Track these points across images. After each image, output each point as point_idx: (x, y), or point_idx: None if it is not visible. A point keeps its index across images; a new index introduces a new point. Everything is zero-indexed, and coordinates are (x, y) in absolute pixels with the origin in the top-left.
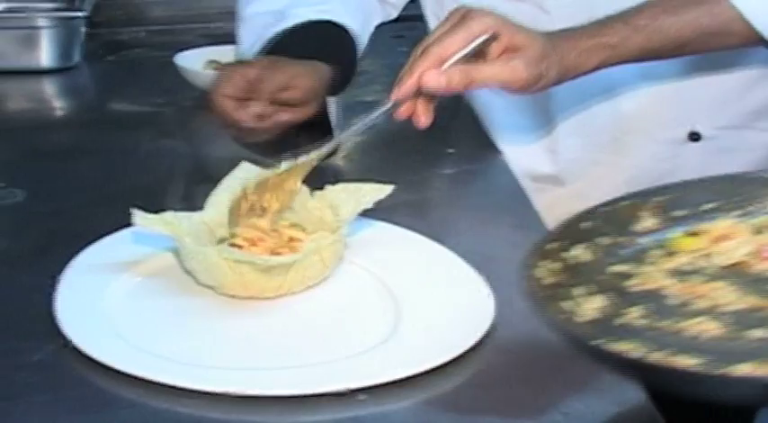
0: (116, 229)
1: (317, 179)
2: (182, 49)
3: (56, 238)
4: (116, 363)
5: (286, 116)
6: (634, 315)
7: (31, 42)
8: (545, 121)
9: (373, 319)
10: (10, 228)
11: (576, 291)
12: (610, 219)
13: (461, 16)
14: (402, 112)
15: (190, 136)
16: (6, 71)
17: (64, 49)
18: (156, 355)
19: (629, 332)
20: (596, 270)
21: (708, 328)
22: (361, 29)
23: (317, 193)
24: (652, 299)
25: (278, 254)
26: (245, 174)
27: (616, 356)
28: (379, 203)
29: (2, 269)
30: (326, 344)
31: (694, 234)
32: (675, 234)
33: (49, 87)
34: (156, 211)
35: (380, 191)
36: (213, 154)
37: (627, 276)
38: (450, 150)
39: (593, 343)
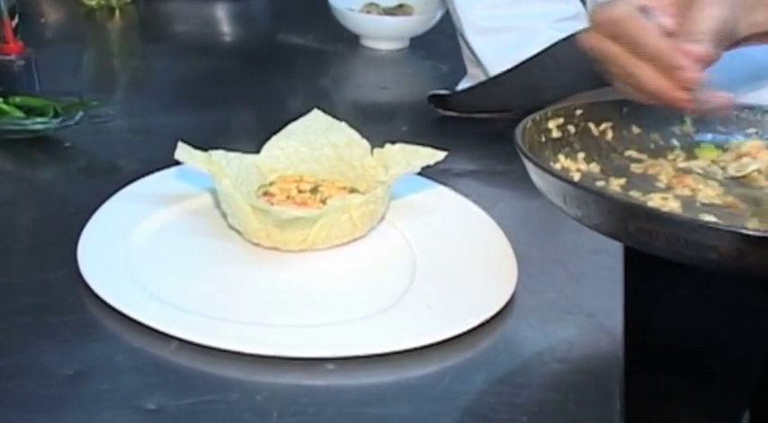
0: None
1: (381, 137)
2: None
3: (143, 161)
4: (115, 301)
5: None
6: (613, 183)
7: None
8: None
9: (387, 285)
10: (100, 144)
11: (580, 154)
12: (651, 113)
13: None
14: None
15: (336, 79)
16: None
17: None
18: (158, 297)
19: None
20: (611, 147)
21: (668, 204)
22: None
23: (377, 150)
24: (641, 178)
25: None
26: (314, 122)
27: (596, 195)
28: (446, 171)
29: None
30: (328, 306)
31: (722, 148)
32: (705, 142)
33: (220, 12)
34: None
35: (432, 156)
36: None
37: (637, 161)
38: None
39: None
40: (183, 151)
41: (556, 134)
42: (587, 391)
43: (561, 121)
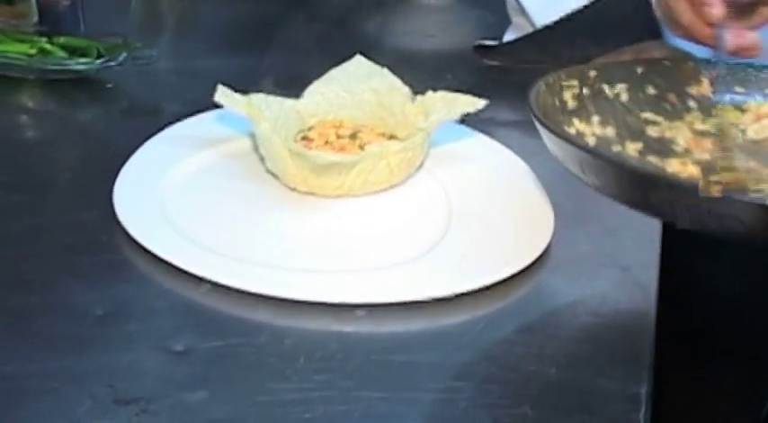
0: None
1: (425, 85)
2: None
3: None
4: (148, 242)
5: None
6: (630, 148)
7: None
8: None
9: (422, 233)
10: (142, 86)
11: (594, 117)
12: (667, 73)
13: None
14: None
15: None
16: None
17: None
18: (191, 239)
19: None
20: (626, 110)
21: (687, 170)
22: None
23: (419, 97)
24: (658, 142)
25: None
26: (356, 68)
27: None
28: (488, 120)
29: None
30: (361, 253)
31: (741, 109)
32: (723, 103)
33: None
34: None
35: (473, 104)
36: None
37: (653, 123)
38: None
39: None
40: (222, 94)
41: (570, 98)
42: (618, 346)
43: (575, 82)
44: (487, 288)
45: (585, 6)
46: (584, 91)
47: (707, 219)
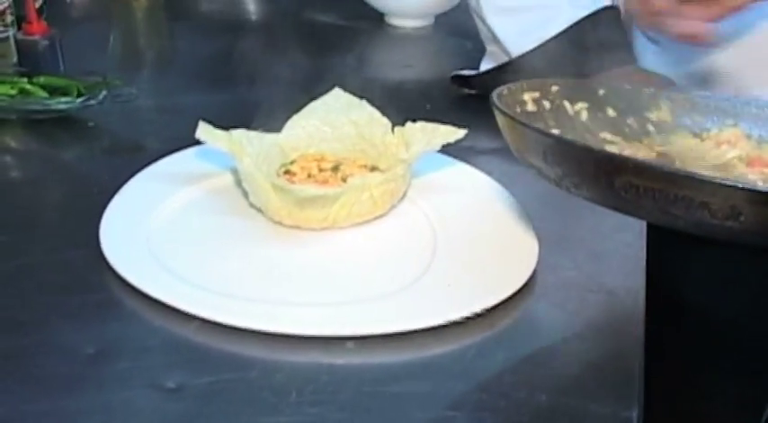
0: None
1: (404, 115)
2: None
3: (166, 141)
4: (137, 280)
5: None
6: None
7: None
8: None
9: (408, 264)
10: (124, 124)
11: (554, 131)
12: (627, 97)
13: None
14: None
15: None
16: None
17: None
18: (179, 276)
19: None
20: (585, 128)
21: None
22: None
23: (398, 128)
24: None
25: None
26: (335, 100)
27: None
28: (469, 149)
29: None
30: (349, 285)
31: (699, 137)
32: (681, 128)
33: None
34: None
35: (453, 134)
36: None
37: (611, 143)
38: None
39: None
40: (203, 131)
41: (531, 107)
42: (607, 370)
43: (537, 94)
44: (476, 316)
45: (559, 34)
46: (545, 103)
47: (672, 207)
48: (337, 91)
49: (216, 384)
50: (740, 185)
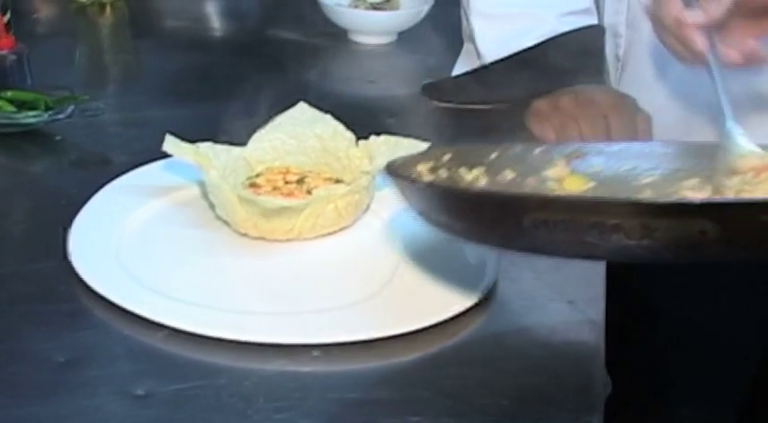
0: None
1: (367, 129)
2: None
3: (133, 154)
4: (106, 290)
5: None
6: None
7: None
8: None
9: (371, 274)
10: (91, 137)
11: None
12: (521, 159)
13: None
14: None
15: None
16: None
17: None
18: (147, 286)
19: None
20: None
21: None
22: None
23: (362, 142)
24: None
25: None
26: (300, 114)
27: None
28: None
29: (56, 176)
30: (314, 294)
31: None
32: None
33: (210, 7)
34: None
35: (415, 147)
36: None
37: None
38: None
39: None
40: (170, 143)
41: (428, 177)
42: (568, 377)
43: (430, 164)
44: (439, 324)
45: (534, 47)
46: (441, 172)
47: (587, 235)
48: (302, 105)
49: (184, 391)
50: (645, 201)
